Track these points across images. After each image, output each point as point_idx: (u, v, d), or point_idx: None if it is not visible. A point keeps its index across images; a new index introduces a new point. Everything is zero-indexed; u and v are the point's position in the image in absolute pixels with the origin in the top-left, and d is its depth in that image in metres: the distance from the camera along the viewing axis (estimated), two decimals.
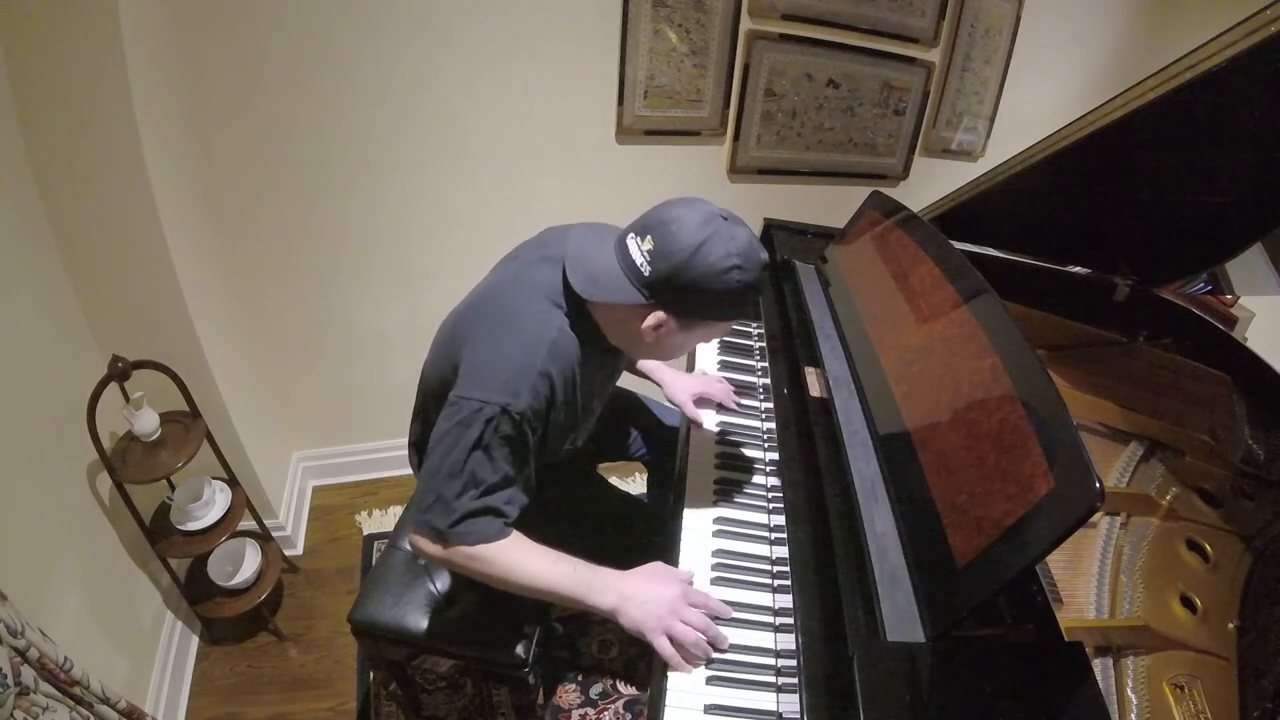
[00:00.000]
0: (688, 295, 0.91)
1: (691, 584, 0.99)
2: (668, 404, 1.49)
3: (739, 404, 1.37)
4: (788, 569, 0.95)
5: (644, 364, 1.44)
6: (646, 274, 0.91)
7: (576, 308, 0.99)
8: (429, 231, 1.86)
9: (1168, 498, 1.09)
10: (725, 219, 0.92)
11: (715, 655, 0.91)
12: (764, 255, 0.95)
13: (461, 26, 1.60)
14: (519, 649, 1.21)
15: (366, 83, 1.60)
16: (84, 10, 1.20)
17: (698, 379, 1.39)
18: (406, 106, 1.66)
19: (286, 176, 1.67)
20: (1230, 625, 0.93)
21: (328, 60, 1.56)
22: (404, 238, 1.85)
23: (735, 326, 1.62)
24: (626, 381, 1.43)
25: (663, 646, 0.90)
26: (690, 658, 0.90)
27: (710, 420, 1.33)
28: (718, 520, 1.11)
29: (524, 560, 0.95)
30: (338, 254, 1.83)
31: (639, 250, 0.92)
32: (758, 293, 0.96)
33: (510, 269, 1.08)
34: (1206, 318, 1.35)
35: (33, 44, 1.20)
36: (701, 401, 1.35)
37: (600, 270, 0.95)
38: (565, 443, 1.09)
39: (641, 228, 0.94)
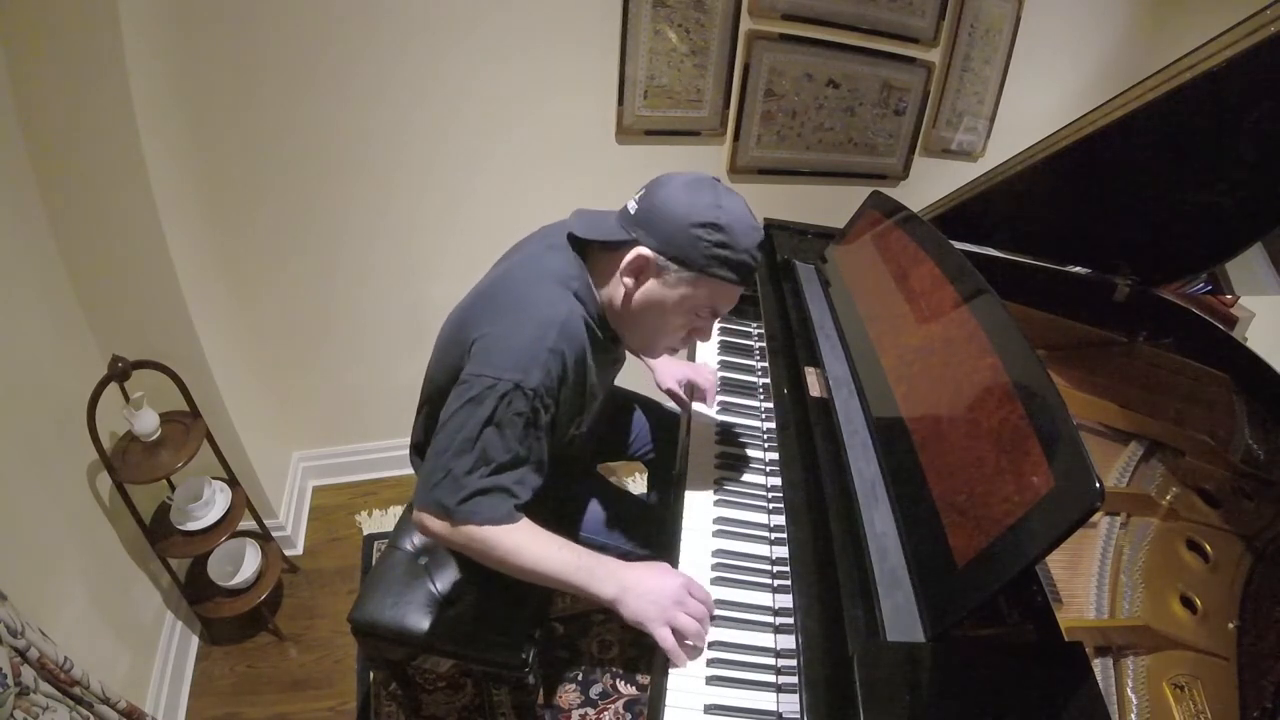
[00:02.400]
0: (664, 225, 0.94)
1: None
2: (665, 404, 1.49)
3: (720, 401, 1.37)
4: (788, 569, 0.95)
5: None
6: (632, 212, 0.97)
7: (584, 289, 1.00)
8: (429, 231, 1.86)
9: (1168, 498, 1.09)
10: (719, 182, 0.97)
11: (712, 654, 0.91)
12: (756, 223, 0.97)
13: (461, 26, 1.60)
14: (519, 649, 1.21)
15: (368, 83, 1.61)
16: (84, 10, 1.20)
17: (688, 365, 1.40)
18: (406, 106, 1.66)
19: (286, 176, 1.67)
20: (1230, 625, 0.93)
21: (328, 60, 1.56)
22: (404, 238, 1.85)
23: (735, 326, 1.62)
24: (624, 381, 1.43)
25: (664, 637, 0.90)
26: (690, 649, 0.91)
27: (708, 412, 1.33)
28: (718, 520, 1.11)
29: (528, 543, 0.95)
30: (338, 254, 1.83)
31: (633, 200, 0.98)
32: (748, 255, 0.96)
33: (517, 258, 1.09)
34: (1206, 318, 1.35)
35: (33, 44, 1.20)
36: (689, 389, 1.37)
37: (599, 220, 1.01)
38: (571, 427, 1.09)
39: (641, 187, 1.00)
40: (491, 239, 1.22)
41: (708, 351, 1.54)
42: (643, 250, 0.95)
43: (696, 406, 1.35)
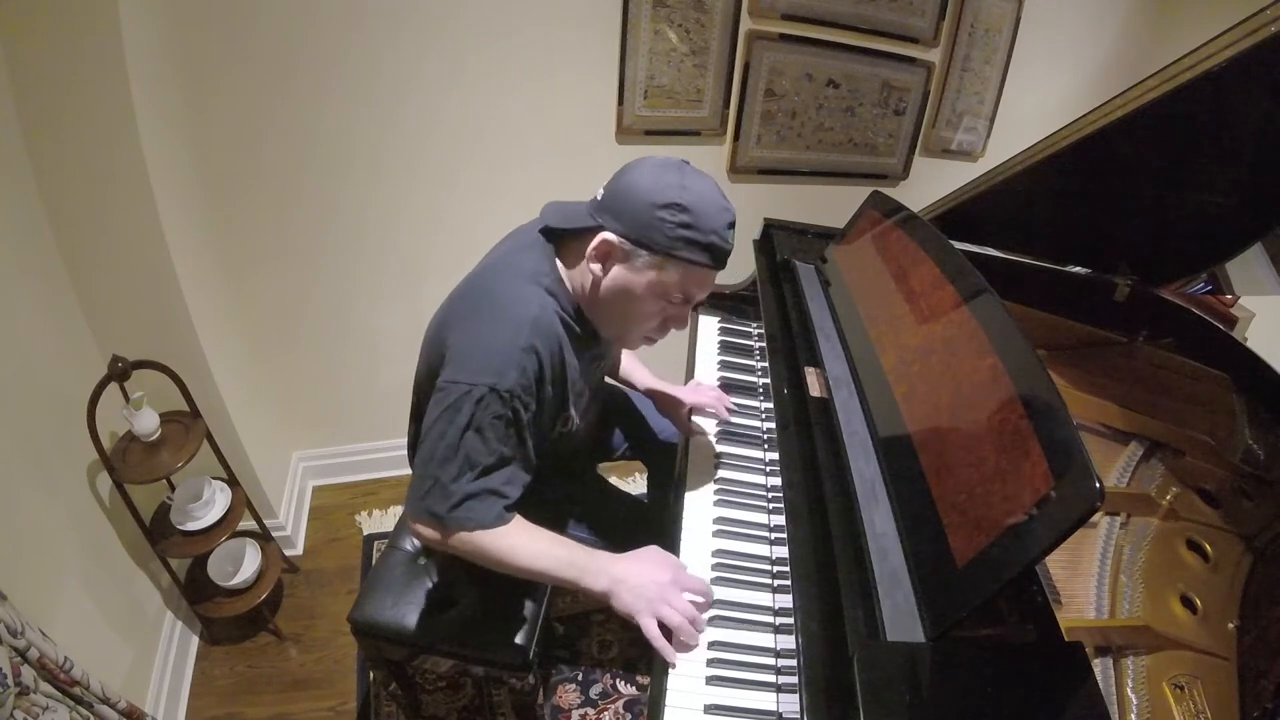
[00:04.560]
0: (628, 208, 0.93)
1: (685, 569, 0.98)
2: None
3: (731, 408, 1.32)
4: (788, 569, 0.95)
5: (630, 374, 1.42)
6: (599, 197, 0.97)
7: (556, 285, 1.00)
8: (429, 232, 1.86)
9: (1168, 498, 1.09)
10: (688, 164, 0.96)
11: (712, 654, 0.91)
12: (725, 202, 0.95)
13: (462, 25, 1.61)
14: (519, 649, 1.21)
15: (366, 83, 1.61)
16: (84, 10, 1.20)
17: (689, 389, 1.35)
18: (407, 107, 1.66)
19: (287, 177, 1.67)
20: (1230, 625, 0.93)
21: (328, 62, 1.56)
22: (404, 239, 1.86)
23: (735, 326, 1.62)
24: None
25: (648, 628, 0.90)
26: (678, 643, 0.91)
27: (708, 425, 1.32)
28: (718, 520, 1.11)
29: (521, 544, 0.95)
30: (339, 254, 1.83)
31: (601, 188, 0.98)
32: (716, 236, 0.93)
33: (488, 260, 1.10)
34: (1206, 318, 1.34)
35: (33, 43, 1.20)
36: (694, 412, 1.32)
37: (570, 211, 1.01)
38: (557, 424, 1.08)
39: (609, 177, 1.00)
40: (490, 239, 1.21)
41: (708, 350, 1.54)
42: (607, 235, 0.93)
43: (702, 421, 1.32)
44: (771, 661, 0.91)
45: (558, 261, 1.02)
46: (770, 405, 1.29)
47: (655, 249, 0.93)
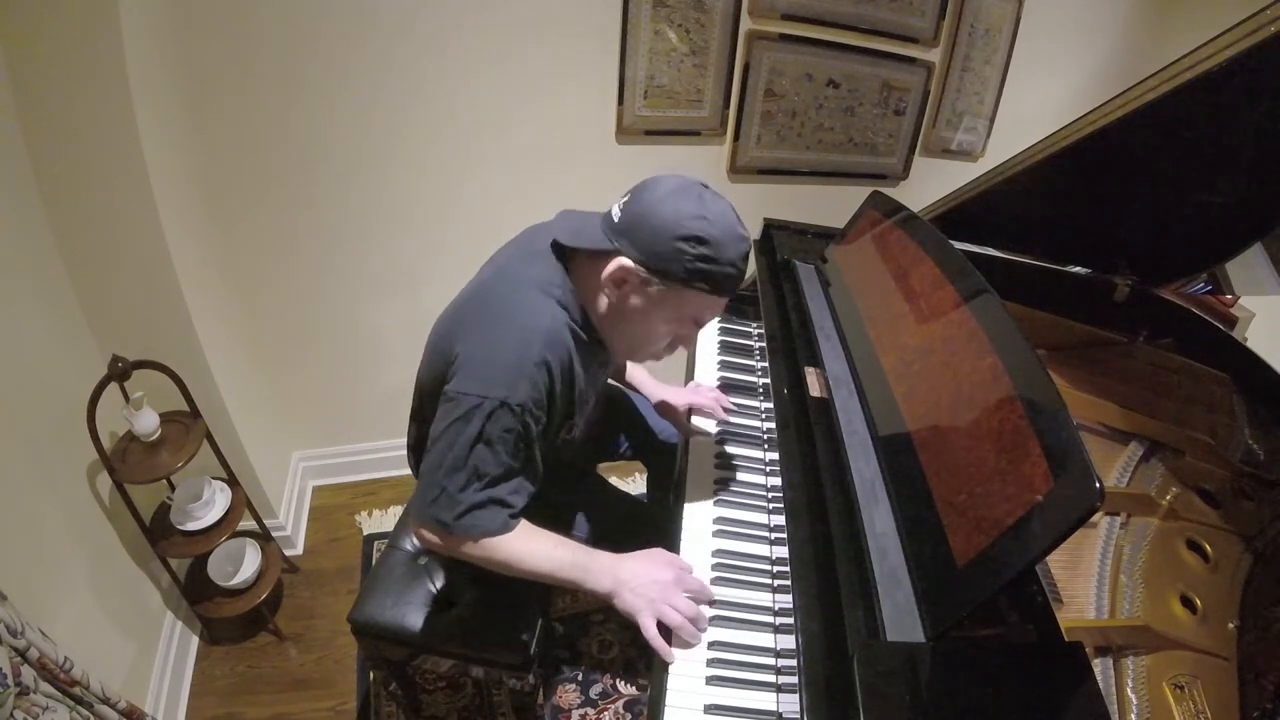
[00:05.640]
0: (647, 237, 0.91)
1: (690, 571, 0.99)
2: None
3: (728, 408, 1.32)
4: (788, 569, 0.95)
5: (633, 377, 1.43)
6: (616, 220, 0.94)
7: (567, 296, 0.99)
8: (429, 232, 1.86)
9: (1168, 498, 1.09)
10: (706, 188, 0.94)
11: (712, 654, 0.91)
12: (743, 230, 0.94)
13: (461, 25, 1.61)
14: (519, 649, 1.21)
15: (366, 83, 1.61)
16: (84, 10, 1.20)
17: (688, 390, 1.36)
18: (406, 107, 1.66)
19: (286, 177, 1.67)
20: (1230, 625, 0.93)
21: (328, 62, 1.56)
22: (404, 238, 1.85)
23: (735, 326, 1.62)
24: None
25: (647, 627, 0.91)
26: (679, 642, 0.91)
27: (708, 425, 1.32)
28: (718, 520, 1.11)
29: (525, 549, 0.96)
30: (338, 254, 1.83)
31: (617, 206, 0.96)
32: (732, 268, 0.93)
33: (498, 265, 1.08)
34: (1206, 318, 1.35)
35: (33, 44, 1.20)
36: (693, 413, 1.33)
37: (583, 226, 0.99)
38: (562, 431, 1.08)
39: (626, 191, 0.97)
40: (491, 240, 1.22)
41: (708, 351, 1.54)
42: (624, 261, 0.93)
43: (701, 422, 1.32)
44: (771, 661, 0.91)
45: (567, 274, 1.01)
46: (770, 405, 1.29)
47: (671, 279, 0.93)
